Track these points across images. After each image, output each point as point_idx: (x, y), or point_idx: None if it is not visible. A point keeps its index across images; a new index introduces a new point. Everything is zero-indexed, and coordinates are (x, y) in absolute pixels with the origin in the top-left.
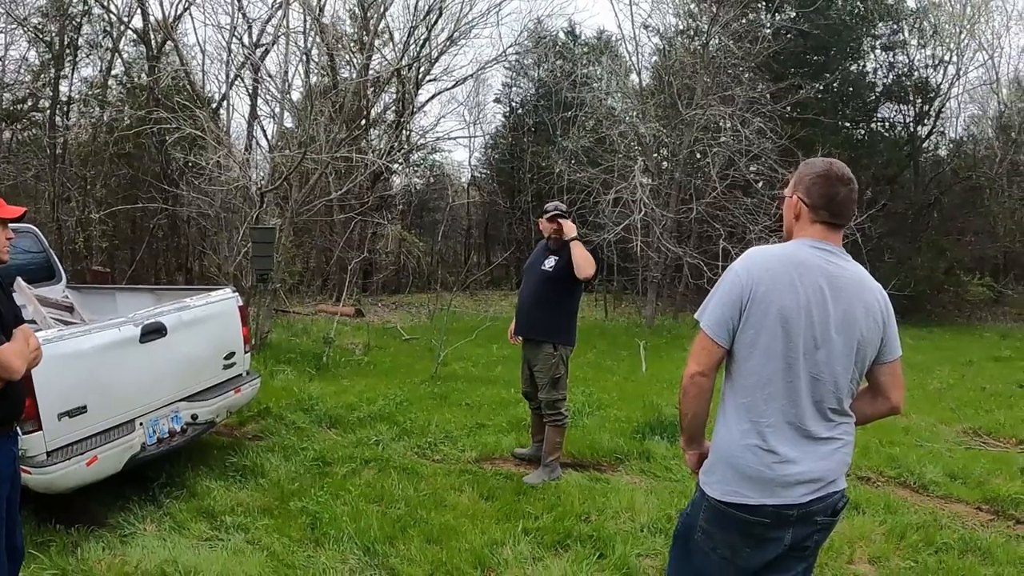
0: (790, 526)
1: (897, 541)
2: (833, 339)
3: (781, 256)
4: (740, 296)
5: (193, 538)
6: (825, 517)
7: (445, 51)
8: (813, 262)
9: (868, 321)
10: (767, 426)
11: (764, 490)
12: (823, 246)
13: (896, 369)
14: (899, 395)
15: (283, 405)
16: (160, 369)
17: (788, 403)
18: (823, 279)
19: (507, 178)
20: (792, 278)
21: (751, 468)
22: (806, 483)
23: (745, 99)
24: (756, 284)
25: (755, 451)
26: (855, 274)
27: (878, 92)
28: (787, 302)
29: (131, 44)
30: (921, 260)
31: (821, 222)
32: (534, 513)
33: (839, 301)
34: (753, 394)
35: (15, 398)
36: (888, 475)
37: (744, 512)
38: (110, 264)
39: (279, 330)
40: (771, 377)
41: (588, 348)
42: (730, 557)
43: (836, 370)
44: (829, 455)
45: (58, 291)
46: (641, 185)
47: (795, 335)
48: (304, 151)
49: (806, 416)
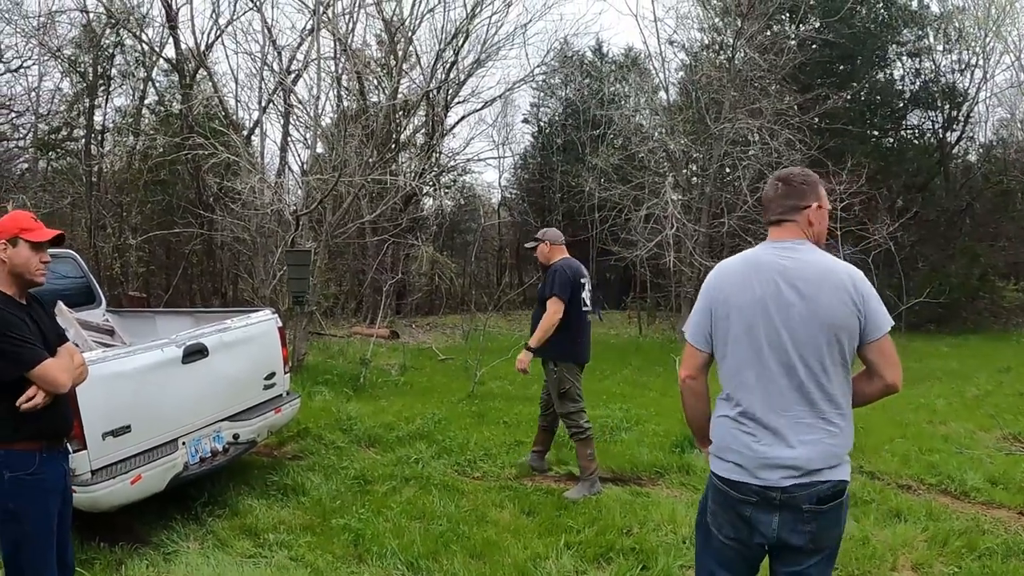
0: (776, 511)
1: (940, 548)
2: (797, 327)
3: (740, 260)
4: (709, 304)
5: (236, 555)
6: (812, 505)
7: (472, 73)
8: (767, 260)
9: (836, 304)
10: (743, 412)
11: (749, 470)
12: (778, 244)
13: (884, 347)
14: (893, 373)
15: (322, 425)
16: (202, 389)
17: (762, 391)
18: (777, 273)
19: (537, 198)
20: (748, 278)
21: (736, 451)
22: (786, 468)
23: (773, 111)
24: (719, 290)
25: (736, 435)
26: (816, 263)
27: (906, 99)
28: (744, 300)
29: (163, 73)
30: (955, 267)
31: (770, 223)
32: (576, 527)
33: (797, 291)
34: (730, 385)
35: (63, 414)
36: (929, 483)
37: (733, 489)
38: (146, 290)
39: (315, 352)
40: (740, 368)
41: (623, 365)
42: (733, 539)
43: (808, 357)
44: (812, 442)
45: (98, 315)
46: (672, 201)
47: (755, 329)
48: (338, 174)
49: (784, 403)
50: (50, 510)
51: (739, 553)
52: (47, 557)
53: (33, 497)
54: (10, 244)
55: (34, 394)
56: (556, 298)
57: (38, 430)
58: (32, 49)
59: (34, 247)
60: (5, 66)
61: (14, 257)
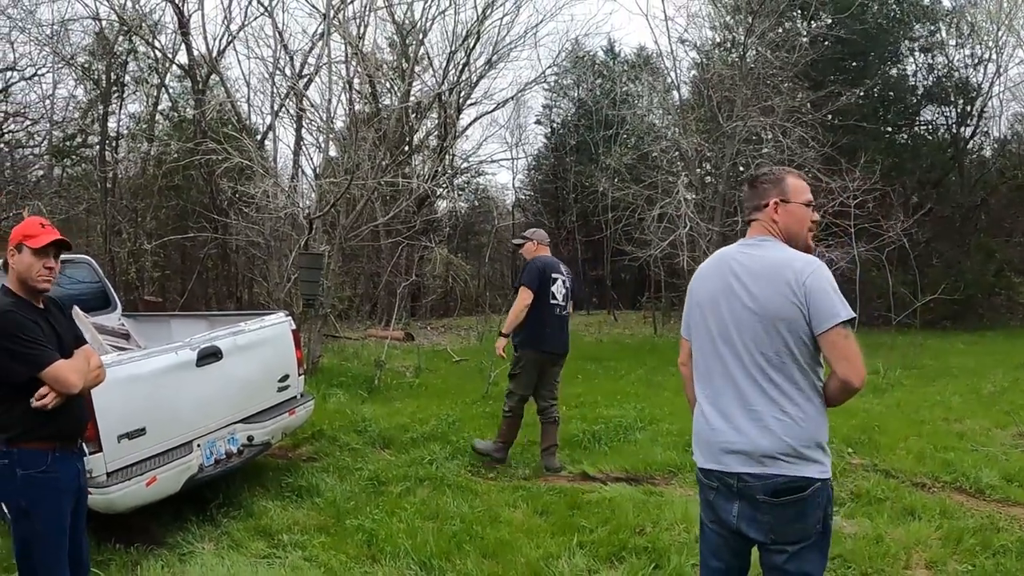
0: (736, 499)
1: (954, 546)
2: (740, 319)
3: (712, 258)
4: (688, 299)
5: (251, 556)
6: (766, 497)
7: (484, 75)
8: (729, 255)
9: (772, 295)
10: (704, 398)
11: (709, 456)
12: (748, 241)
13: (834, 340)
14: (844, 368)
15: (336, 427)
16: (216, 392)
17: (718, 379)
18: (729, 268)
19: (551, 198)
20: (710, 273)
21: (700, 437)
22: (736, 453)
23: (785, 109)
24: (692, 286)
25: (699, 420)
26: (768, 258)
27: (919, 95)
28: (703, 294)
29: (176, 80)
30: (970, 263)
31: (746, 221)
32: (588, 527)
33: (743, 284)
34: (696, 373)
35: (77, 415)
36: (943, 480)
37: (702, 475)
38: (161, 294)
39: (330, 355)
40: (700, 357)
41: (638, 365)
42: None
43: (752, 348)
44: (761, 430)
45: (114, 319)
46: (685, 200)
47: (709, 320)
48: (351, 177)
49: (734, 392)
50: (63, 509)
51: (723, 539)
52: (59, 556)
53: (45, 495)
54: (16, 250)
55: (45, 393)
56: (524, 287)
57: (52, 430)
58: (46, 57)
59: (35, 253)
60: (19, 74)
61: (19, 264)
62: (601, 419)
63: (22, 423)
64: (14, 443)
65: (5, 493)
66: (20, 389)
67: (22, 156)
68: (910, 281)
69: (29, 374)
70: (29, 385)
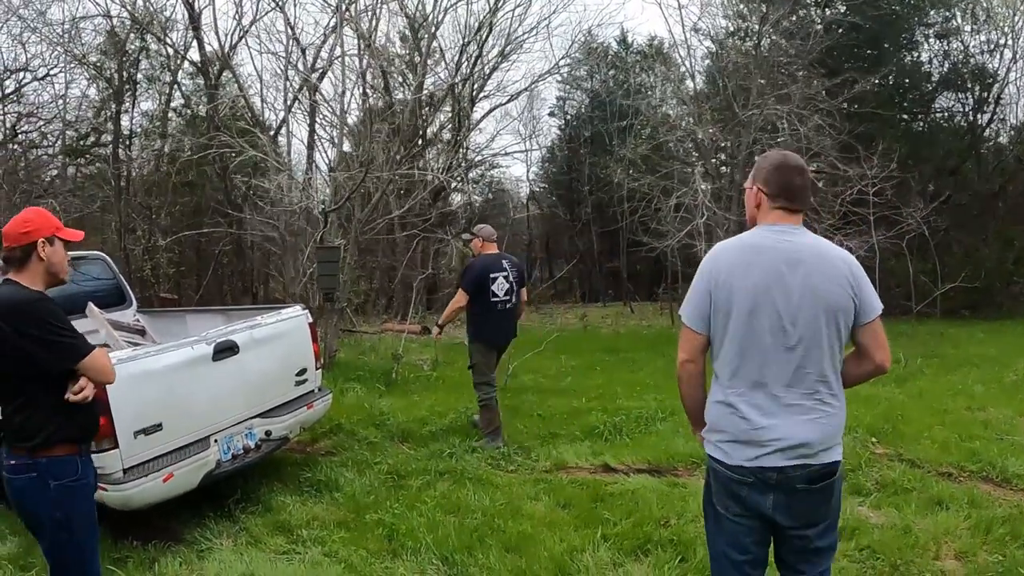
0: (771, 491)
1: (983, 536)
2: (799, 311)
3: (740, 244)
4: (707, 287)
5: (270, 552)
6: (805, 485)
7: (497, 67)
8: (769, 244)
9: (833, 287)
10: (739, 395)
11: (745, 452)
12: (780, 228)
13: (875, 329)
14: (882, 355)
15: (355, 421)
16: (233, 386)
17: (759, 374)
18: (779, 257)
19: (566, 190)
20: (749, 261)
21: (732, 433)
22: (786, 449)
23: (801, 97)
24: (719, 273)
25: (731, 419)
26: (813, 246)
27: (935, 82)
28: (746, 283)
29: (189, 76)
30: (989, 252)
31: (779, 208)
32: (612, 519)
33: (798, 274)
34: (725, 368)
35: (96, 412)
36: (970, 470)
37: (729, 470)
38: (177, 291)
39: (347, 349)
40: (740, 351)
41: (657, 356)
42: (740, 515)
43: (808, 339)
44: (809, 423)
45: (129, 315)
46: (702, 190)
47: (758, 312)
48: (365, 170)
49: (782, 384)
50: (95, 512)
51: (748, 529)
52: (95, 561)
53: (80, 503)
54: (48, 242)
55: (85, 384)
56: (461, 289)
57: (76, 432)
58: (58, 57)
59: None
60: (32, 74)
61: (52, 255)
62: (621, 410)
63: (47, 427)
64: (39, 451)
65: (39, 506)
66: (46, 388)
67: (36, 156)
68: (929, 270)
69: (65, 365)
70: (56, 382)
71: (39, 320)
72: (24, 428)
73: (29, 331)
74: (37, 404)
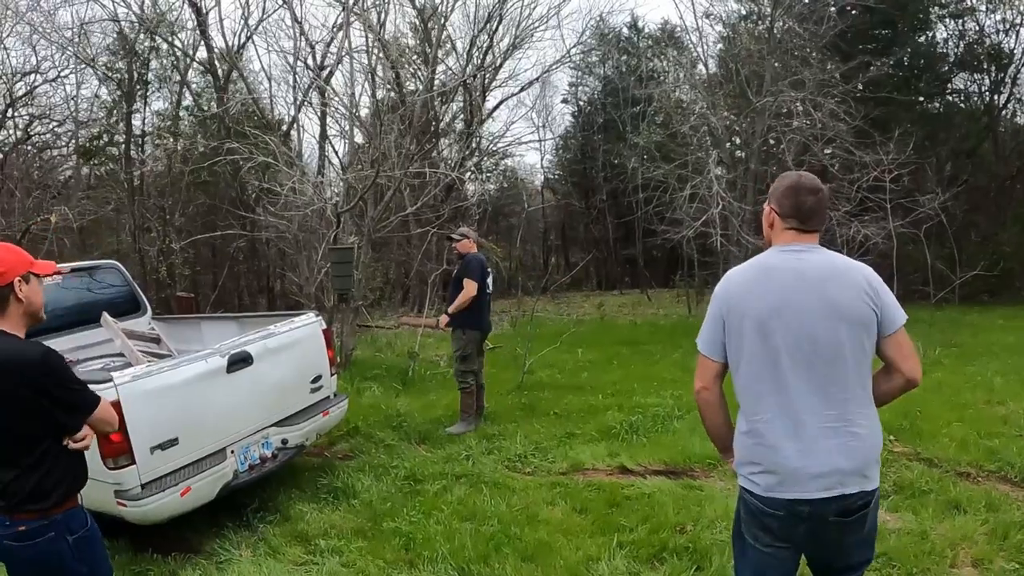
0: (802, 522)
1: (1000, 542)
2: (816, 328)
3: (751, 267)
4: (720, 313)
5: (288, 563)
6: (838, 518)
7: (509, 56)
8: (781, 264)
9: (852, 299)
10: (762, 423)
11: (775, 483)
12: (792, 248)
13: (900, 340)
14: (910, 365)
15: (371, 423)
16: (248, 397)
17: (782, 399)
18: (792, 276)
19: (580, 178)
20: (761, 283)
21: (760, 465)
22: (817, 477)
23: (815, 82)
24: (730, 298)
25: (758, 449)
26: (827, 261)
27: (950, 63)
28: (759, 305)
29: (198, 75)
30: (1007, 236)
31: (791, 228)
32: (628, 525)
33: (814, 292)
34: (746, 395)
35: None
36: (988, 469)
37: (761, 503)
38: (193, 290)
39: (363, 346)
40: (758, 376)
41: (674, 347)
42: (769, 546)
43: (830, 356)
44: (838, 448)
45: (144, 323)
46: (716, 178)
47: (772, 334)
48: (377, 168)
49: (805, 411)
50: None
51: (778, 561)
52: None
53: (98, 550)
54: (24, 281)
55: (87, 432)
56: (471, 280)
57: (82, 482)
58: (68, 59)
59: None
60: (43, 77)
61: (31, 294)
62: (638, 408)
63: (63, 483)
64: (53, 510)
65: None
66: (60, 443)
67: (50, 158)
68: (947, 255)
69: (82, 420)
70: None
71: (55, 376)
72: (40, 487)
73: (47, 388)
74: (54, 461)
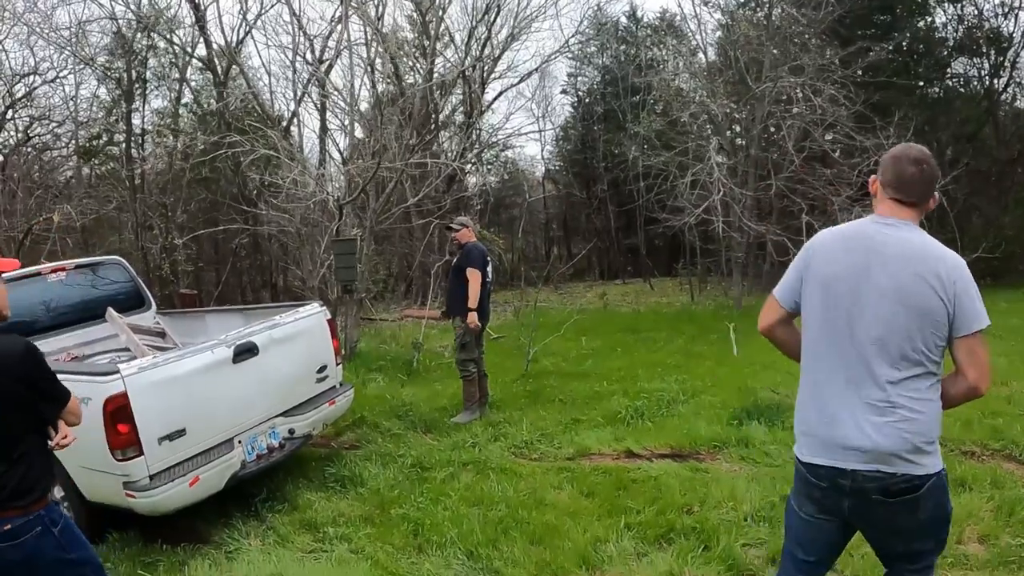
0: (846, 496)
1: (1006, 518)
2: (879, 305)
3: (839, 231)
4: (801, 267)
5: (297, 551)
6: (882, 496)
7: (507, 48)
8: (865, 234)
9: (920, 288)
10: (816, 384)
11: (818, 449)
12: (886, 220)
13: (972, 345)
14: (975, 374)
15: (377, 412)
16: (255, 388)
17: (836, 365)
18: (871, 248)
19: (581, 169)
20: (839, 249)
21: (808, 425)
22: (854, 450)
23: (814, 67)
24: (812, 257)
25: (809, 409)
26: (911, 242)
27: (949, 47)
28: (830, 271)
29: (197, 72)
30: (1009, 219)
31: (891, 199)
32: (635, 508)
33: (884, 269)
34: (806, 356)
35: None
36: (992, 448)
37: (806, 469)
38: (196, 286)
39: (367, 338)
40: (818, 339)
41: (677, 334)
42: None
43: (888, 337)
44: (886, 426)
45: (149, 318)
46: (717, 165)
47: (836, 301)
48: (378, 160)
49: (854, 383)
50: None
51: (820, 531)
52: None
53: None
54: None
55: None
56: (474, 270)
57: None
58: (66, 59)
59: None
60: (41, 78)
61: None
62: (643, 393)
63: (44, 477)
64: (34, 505)
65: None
66: (42, 437)
67: (50, 158)
68: (949, 239)
69: (58, 412)
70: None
71: (40, 368)
72: (24, 482)
73: (34, 380)
74: (36, 455)
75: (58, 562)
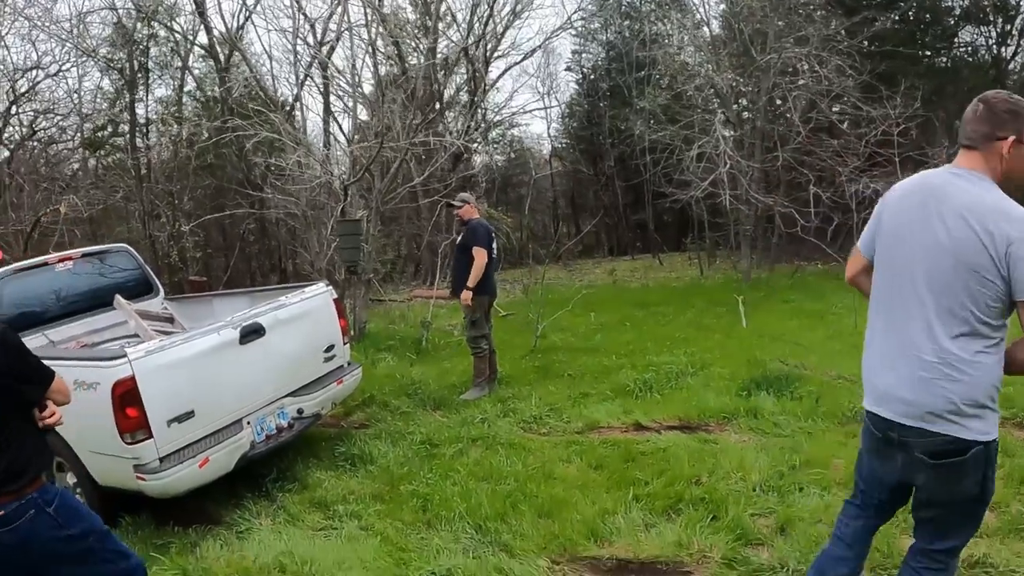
0: (895, 448)
1: (1017, 486)
2: (934, 259)
3: (907, 183)
4: (876, 216)
5: (307, 529)
6: (923, 455)
7: (510, 25)
8: (930, 185)
9: (972, 243)
10: (878, 334)
11: (872, 396)
12: (954, 170)
13: None
14: None
15: (387, 391)
16: (262, 368)
17: (888, 316)
18: (933, 200)
19: (587, 145)
20: (905, 199)
21: (871, 372)
22: (897, 400)
23: (820, 38)
24: (884, 207)
25: (869, 355)
26: (971, 195)
27: (956, 15)
28: (892, 221)
29: (200, 60)
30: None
31: (961, 146)
32: (644, 479)
33: (941, 221)
34: (873, 305)
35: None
36: (1003, 416)
37: (868, 418)
38: (205, 272)
39: (376, 319)
40: (879, 288)
41: (686, 308)
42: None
43: (939, 293)
44: (928, 382)
45: (157, 304)
46: (723, 138)
47: (897, 252)
48: (381, 141)
49: (911, 335)
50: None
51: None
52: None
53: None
54: None
55: (55, 409)
56: (479, 248)
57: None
58: (68, 52)
59: None
60: (44, 72)
61: None
62: (652, 366)
63: (34, 460)
64: (26, 488)
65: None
66: (27, 419)
67: (56, 151)
68: None
69: (42, 393)
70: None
71: (17, 350)
72: (12, 465)
73: (12, 364)
74: (24, 437)
75: (56, 540)
